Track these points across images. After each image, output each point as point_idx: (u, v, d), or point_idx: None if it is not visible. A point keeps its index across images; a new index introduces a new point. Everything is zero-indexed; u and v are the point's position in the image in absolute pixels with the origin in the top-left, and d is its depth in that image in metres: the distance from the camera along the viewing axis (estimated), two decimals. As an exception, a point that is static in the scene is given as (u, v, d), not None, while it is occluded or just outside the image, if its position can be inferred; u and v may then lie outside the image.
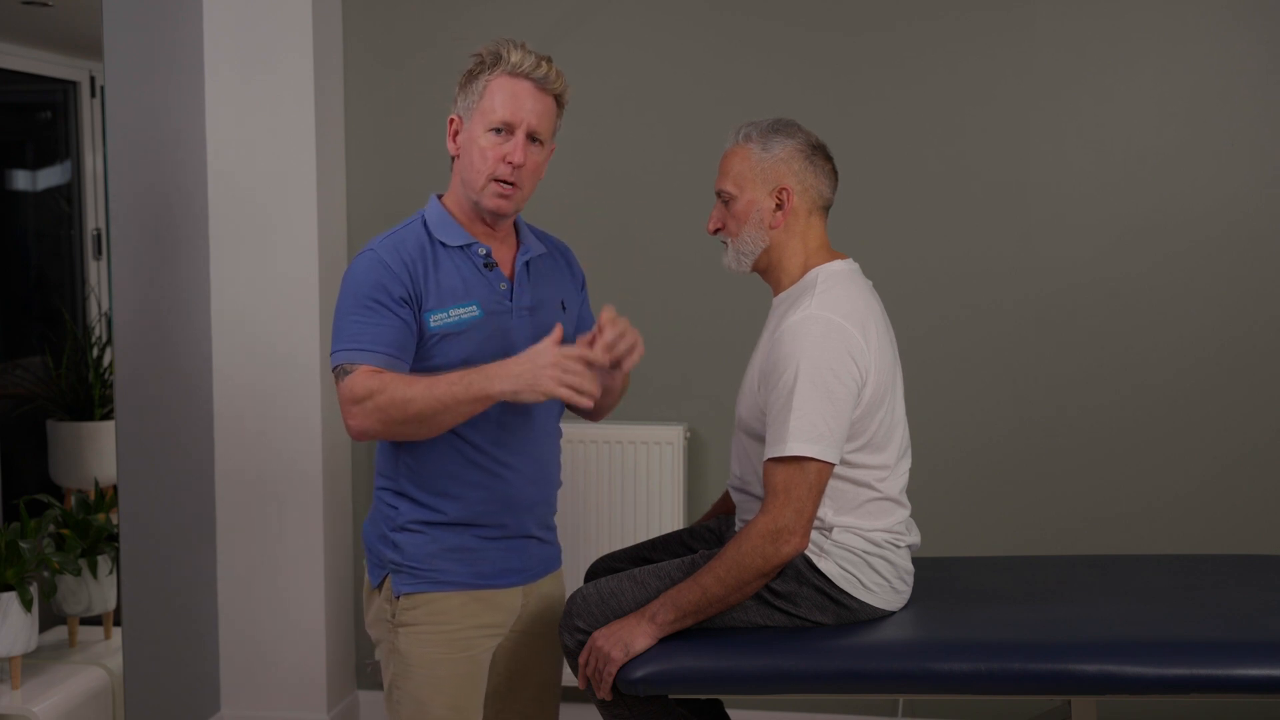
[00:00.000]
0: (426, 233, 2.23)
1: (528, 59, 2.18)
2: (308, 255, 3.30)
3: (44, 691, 2.79)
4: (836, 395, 2.19)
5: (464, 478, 2.22)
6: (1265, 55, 3.13)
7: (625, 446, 3.30)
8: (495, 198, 2.19)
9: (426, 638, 2.23)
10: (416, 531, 2.23)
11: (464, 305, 2.19)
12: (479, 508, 2.23)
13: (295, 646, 3.38)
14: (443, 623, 2.23)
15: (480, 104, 2.18)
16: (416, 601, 2.23)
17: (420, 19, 3.43)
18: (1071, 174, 3.21)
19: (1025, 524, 3.28)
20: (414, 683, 2.23)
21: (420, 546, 2.23)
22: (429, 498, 2.22)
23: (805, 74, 3.29)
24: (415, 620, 2.23)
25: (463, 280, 2.21)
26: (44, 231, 3.11)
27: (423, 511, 2.23)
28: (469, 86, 2.21)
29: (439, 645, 2.23)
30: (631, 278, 3.37)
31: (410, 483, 2.23)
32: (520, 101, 2.17)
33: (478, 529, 2.24)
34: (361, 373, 2.12)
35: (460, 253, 2.22)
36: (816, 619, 2.27)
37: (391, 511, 2.25)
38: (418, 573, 2.23)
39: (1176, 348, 3.20)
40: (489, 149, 2.17)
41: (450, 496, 2.22)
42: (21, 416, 2.96)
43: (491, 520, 2.25)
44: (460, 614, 2.24)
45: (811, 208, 2.34)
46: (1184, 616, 2.30)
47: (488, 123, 2.18)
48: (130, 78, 3.03)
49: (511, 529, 2.28)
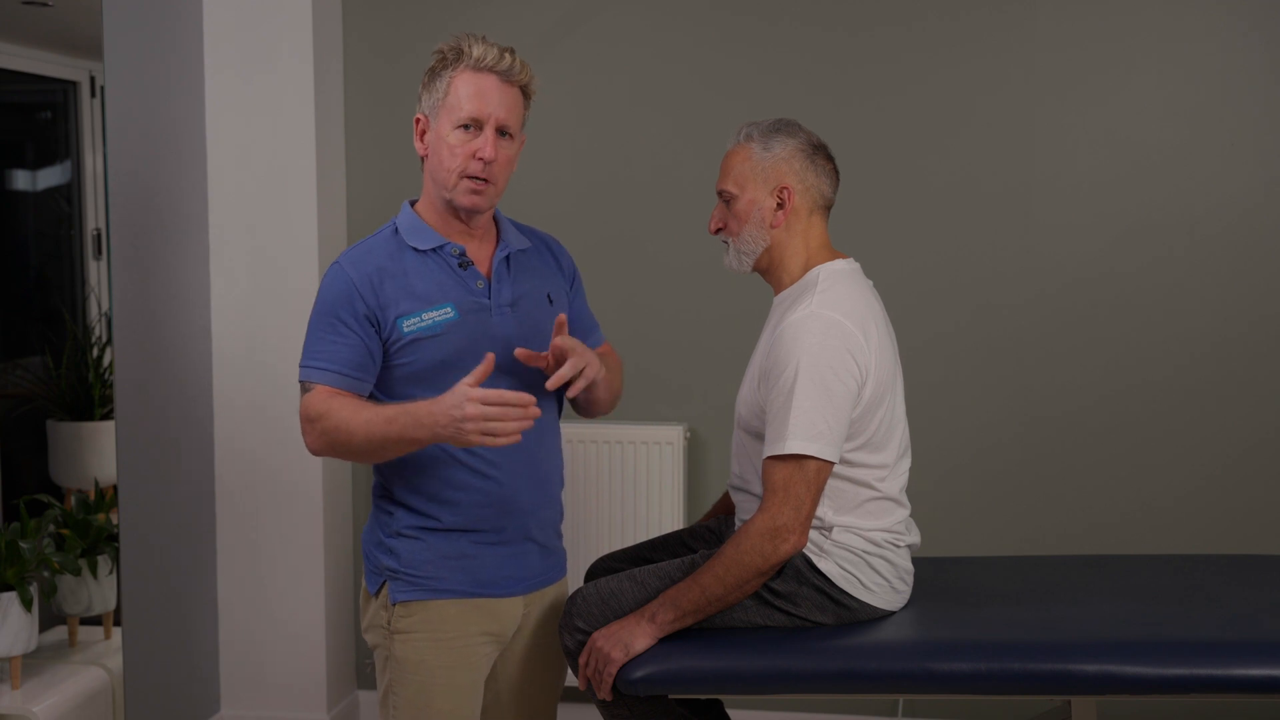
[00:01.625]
0: (398, 239, 2.21)
1: (490, 52, 2.16)
2: (308, 255, 3.30)
3: (44, 691, 2.79)
4: (836, 394, 2.19)
5: (458, 482, 2.19)
6: (1266, 55, 3.13)
7: (625, 446, 3.30)
8: (469, 194, 2.17)
9: (423, 645, 2.20)
10: (413, 538, 2.21)
11: (438, 308, 2.17)
12: (475, 513, 2.21)
13: (295, 646, 3.38)
14: (439, 630, 2.21)
15: (445, 101, 2.16)
16: (413, 609, 2.21)
17: (420, 18, 3.43)
18: (1073, 173, 3.21)
19: (1025, 524, 3.28)
20: (410, 690, 2.21)
21: (417, 553, 2.20)
22: (424, 504, 2.21)
23: (807, 73, 3.29)
24: (411, 628, 2.21)
25: (436, 283, 2.18)
26: (44, 231, 3.11)
27: (418, 518, 2.21)
28: (432, 84, 2.19)
29: (435, 653, 2.20)
30: (632, 277, 3.37)
31: (405, 489, 2.21)
32: (486, 96, 2.15)
33: (475, 534, 2.22)
34: (318, 393, 2.13)
35: (433, 256, 2.20)
36: (816, 619, 2.27)
37: (387, 518, 2.24)
38: (414, 580, 2.20)
39: (1177, 347, 3.20)
40: (458, 146, 2.15)
41: (445, 502, 2.20)
42: (21, 416, 2.96)
43: (488, 525, 2.22)
44: (458, 622, 2.21)
45: (812, 207, 2.35)
46: (1184, 616, 2.30)
47: (455, 120, 2.15)
48: (130, 78, 3.03)
49: (510, 534, 2.24)
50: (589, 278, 2.51)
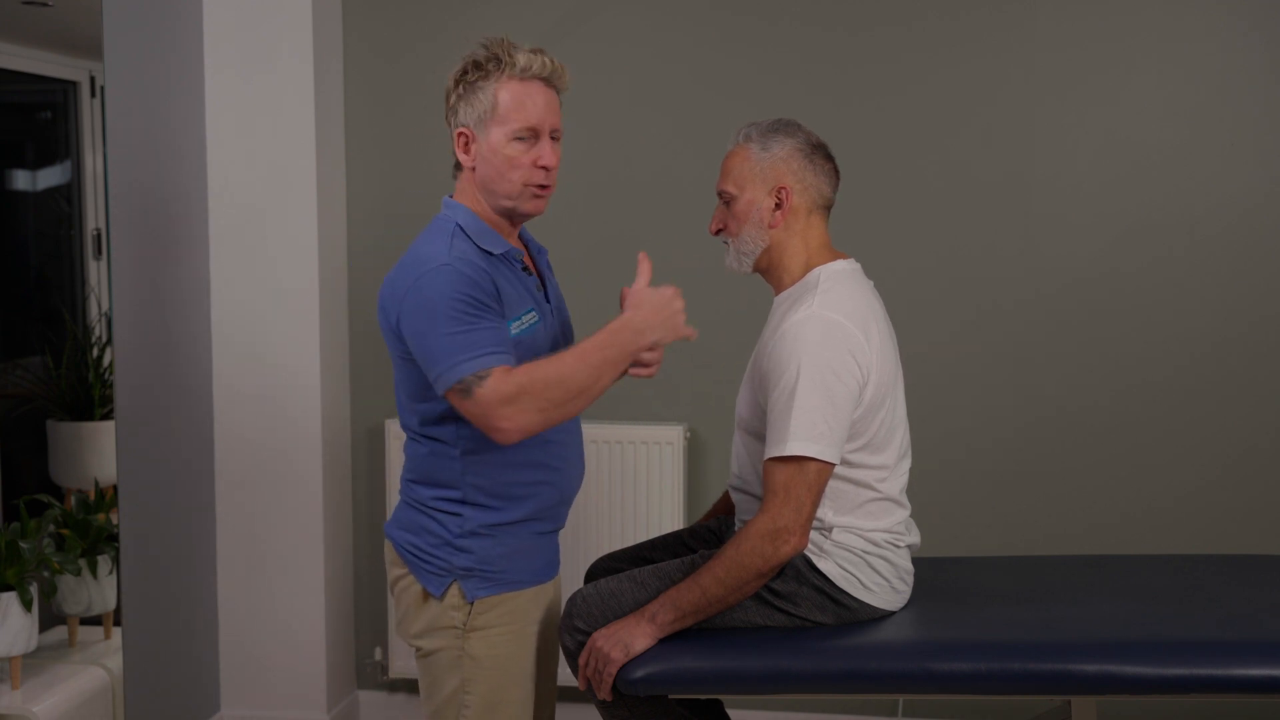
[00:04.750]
0: (472, 244, 2.17)
1: (535, 60, 2.15)
2: (308, 255, 3.30)
3: (44, 691, 2.79)
4: (837, 395, 2.19)
5: (534, 477, 2.22)
6: (1266, 55, 3.13)
7: (625, 446, 3.30)
8: (533, 200, 2.19)
9: (502, 638, 2.22)
10: (486, 535, 2.21)
11: (529, 311, 2.19)
12: (542, 504, 2.24)
13: (295, 646, 3.38)
14: (514, 621, 2.23)
15: (495, 113, 2.15)
16: (490, 604, 2.21)
17: (421, 19, 3.43)
18: (1073, 173, 3.21)
19: (1025, 524, 3.28)
20: (487, 686, 2.21)
21: (491, 549, 2.21)
22: (500, 502, 2.21)
23: (807, 73, 3.29)
24: (489, 623, 2.21)
25: (513, 286, 2.19)
26: (44, 231, 3.11)
27: (492, 514, 2.21)
28: (472, 96, 2.17)
29: (514, 643, 2.23)
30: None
31: (477, 490, 2.20)
32: (537, 104, 2.15)
33: (536, 524, 2.25)
34: (498, 374, 2.05)
35: (503, 260, 2.19)
36: (816, 619, 2.27)
37: (455, 519, 2.21)
38: (490, 575, 2.20)
39: (1177, 347, 3.20)
40: (518, 157, 2.15)
41: (519, 498, 2.21)
42: (21, 416, 2.95)
43: (549, 515, 2.27)
44: (527, 610, 2.25)
45: (812, 207, 2.34)
46: (1184, 616, 2.30)
47: (510, 132, 2.14)
48: (130, 78, 3.03)
49: (560, 521, 2.31)
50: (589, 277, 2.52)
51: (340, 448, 3.45)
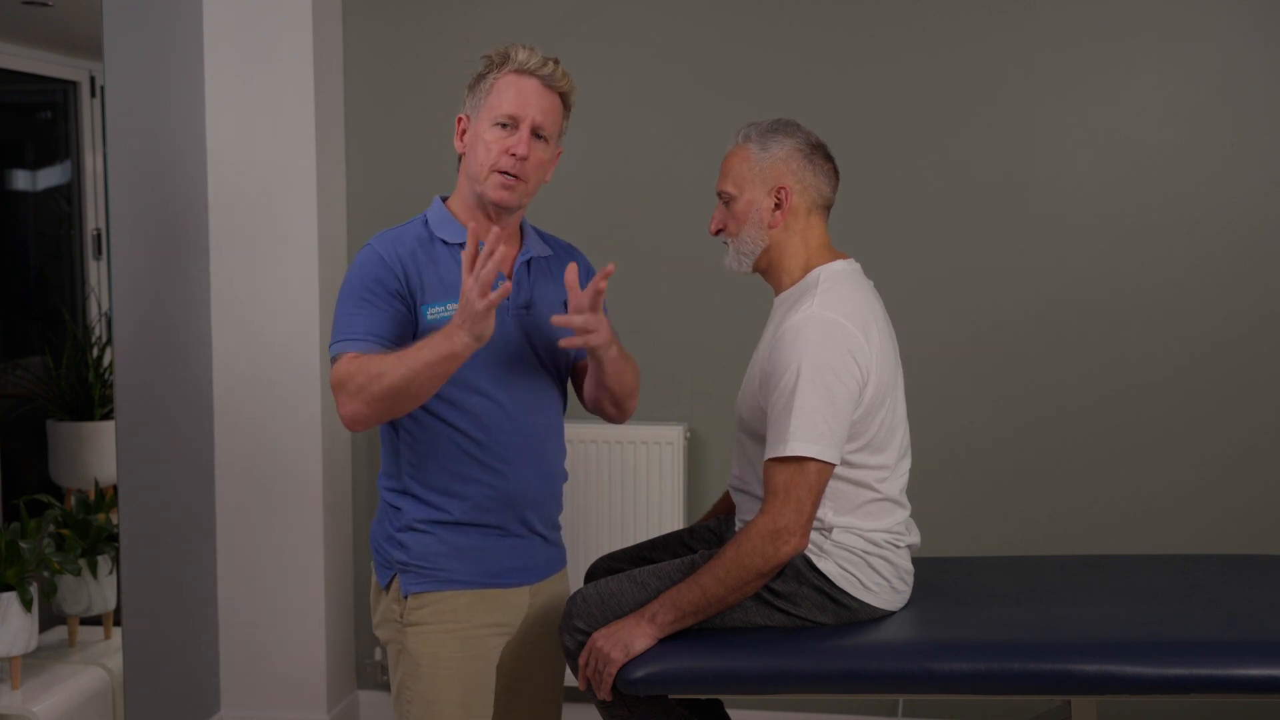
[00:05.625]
0: (427, 230, 2.26)
1: (534, 57, 2.22)
2: (308, 255, 3.30)
3: (44, 691, 2.79)
4: (837, 395, 2.18)
5: (467, 475, 2.22)
6: (1266, 55, 3.13)
7: (625, 446, 3.30)
8: (498, 189, 2.21)
9: (435, 637, 2.23)
10: (423, 531, 2.24)
11: (452, 301, 2.20)
12: (484, 505, 2.24)
13: (295, 646, 3.38)
14: (451, 621, 2.23)
15: (487, 100, 2.22)
16: (425, 600, 2.23)
17: (421, 19, 3.43)
18: (1073, 173, 3.21)
19: (1025, 524, 3.28)
20: (423, 683, 2.23)
21: (427, 546, 2.23)
22: (434, 496, 2.23)
23: (807, 73, 3.29)
24: (423, 620, 2.23)
25: (445, 276, 2.22)
26: (44, 231, 3.11)
27: (428, 510, 2.23)
28: (477, 87, 2.25)
29: (448, 644, 2.23)
30: (632, 278, 3.35)
31: (414, 481, 2.24)
32: (526, 97, 2.21)
33: (484, 528, 2.25)
34: (343, 360, 2.13)
35: (460, 249, 2.22)
36: (816, 619, 2.27)
37: (396, 512, 2.26)
38: (425, 572, 2.23)
39: (1177, 347, 3.20)
40: (493, 142, 2.20)
41: (454, 495, 2.23)
42: (21, 416, 2.96)
43: (496, 519, 2.25)
44: (469, 613, 2.24)
45: (811, 207, 2.34)
46: (1184, 616, 2.30)
47: (493, 117, 2.21)
48: (130, 78, 3.03)
49: (517, 527, 2.28)
50: (589, 277, 2.51)
51: (341, 447, 3.45)
